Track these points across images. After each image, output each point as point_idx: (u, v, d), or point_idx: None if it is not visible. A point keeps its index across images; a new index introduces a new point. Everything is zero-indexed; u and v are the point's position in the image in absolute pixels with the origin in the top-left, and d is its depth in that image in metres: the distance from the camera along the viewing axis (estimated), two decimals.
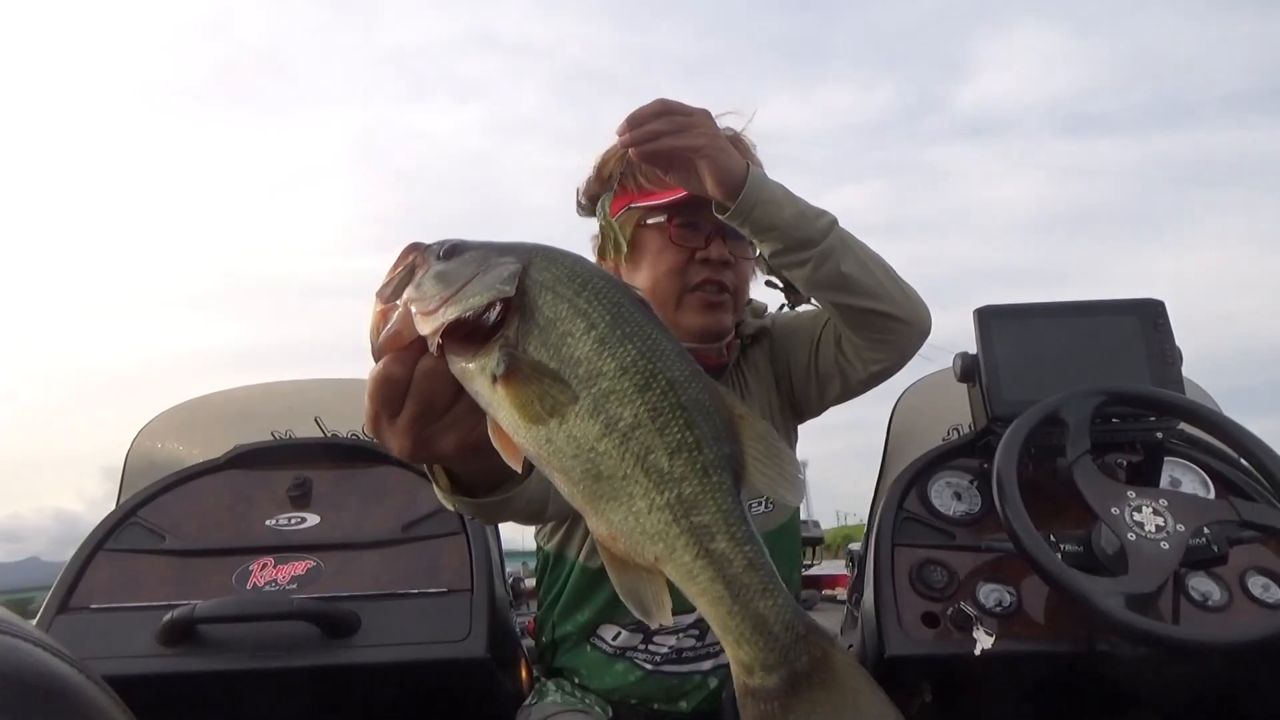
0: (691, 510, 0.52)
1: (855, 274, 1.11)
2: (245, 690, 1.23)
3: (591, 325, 0.53)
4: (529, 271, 0.55)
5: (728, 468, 0.53)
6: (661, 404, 0.53)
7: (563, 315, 0.54)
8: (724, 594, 0.53)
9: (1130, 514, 1.14)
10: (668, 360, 0.54)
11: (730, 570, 0.53)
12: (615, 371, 0.52)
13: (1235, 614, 1.20)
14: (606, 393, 0.52)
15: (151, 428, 1.62)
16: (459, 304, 0.54)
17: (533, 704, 1.29)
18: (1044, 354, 1.40)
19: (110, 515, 1.40)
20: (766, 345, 1.35)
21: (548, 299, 0.54)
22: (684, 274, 1.22)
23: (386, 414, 0.59)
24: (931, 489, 1.39)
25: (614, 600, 1.22)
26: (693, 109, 1.03)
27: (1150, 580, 1.09)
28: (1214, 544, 1.14)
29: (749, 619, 0.53)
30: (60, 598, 1.27)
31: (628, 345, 0.53)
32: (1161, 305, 1.41)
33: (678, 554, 0.53)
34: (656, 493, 0.52)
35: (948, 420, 1.56)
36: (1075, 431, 1.22)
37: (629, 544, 0.54)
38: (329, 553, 1.32)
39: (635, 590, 0.55)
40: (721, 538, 0.53)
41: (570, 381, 0.52)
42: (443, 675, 1.23)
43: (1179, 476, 1.39)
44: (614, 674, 1.24)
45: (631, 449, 0.52)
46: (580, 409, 0.52)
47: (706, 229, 1.22)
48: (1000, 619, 1.21)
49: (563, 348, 0.53)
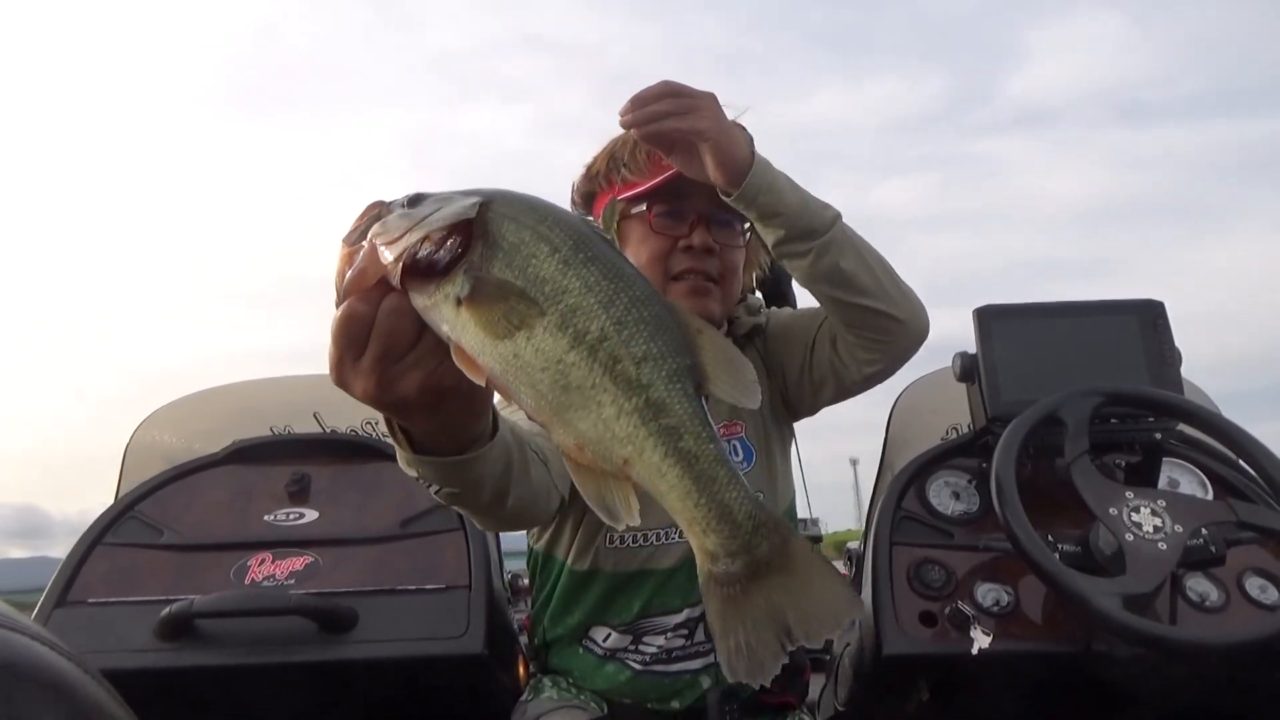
0: (659, 413, 0.55)
1: (855, 270, 1.10)
2: (243, 685, 1.23)
3: (555, 249, 0.55)
4: (490, 204, 0.56)
5: (689, 375, 0.57)
6: (626, 317, 0.55)
7: (526, 240, 0.55)
8: (692, 488, 0.56)
9: (1128, 514, 1.14)
10: (629, 280, 0.57)
11: (698, 466, 0.56)
12: (580, 288, 0.55)
13: (1232, 615, 1.20)
14: (573, 308, 0.54)
15: (151, 422, 1.61)
16: (423, 228, 0.55)
17: (528, 700, 1.29)
18: (1043, 354, 1.39)
19: (109, 509, 1.40)
20: (761, 343, 1.34)
21: (510, 227, 0.56)
22: (666, 262, 1.20)
23: (351, 355, 0.59)
24: (930, 488, 1.39)
25: (603, 602, 1.23)
26: (698, 91, 1.00)
27: (1148, 581, 1.09)
28: (1212, 545, 1.14)
29: (715, 509, 0.56)
30: (58, 591, 1.27)
31: (591, 266, 0.55)
32: (1161, 306, 1.41)
33: (647, 454, 0.56)
34: (625, 399, 0.55)
35: (946, 420, 1.56)
36: (1074, 432, 1.22)
37: (597, 451, 0.56)
38: (327, 548, 1.32)
39: (602, 496, 0.57)
40: (689, 437, 0.56)
41: (537, 297, 0.54)
42: (440, 671, 1.23)
43: (1177, 477, 1.39)
44: (605, 675, 1.24)
45: (600, 359, 0.55)
46: (548, 323, 0.54)
47: (689, 216, 1.19)
48: (998, 619, 1.21)
49: (528, 269, 0.55)
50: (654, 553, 1.22)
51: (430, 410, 0.63)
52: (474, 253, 0.55)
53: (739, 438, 1.26)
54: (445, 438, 0.68)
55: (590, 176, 1.25)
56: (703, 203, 1.18)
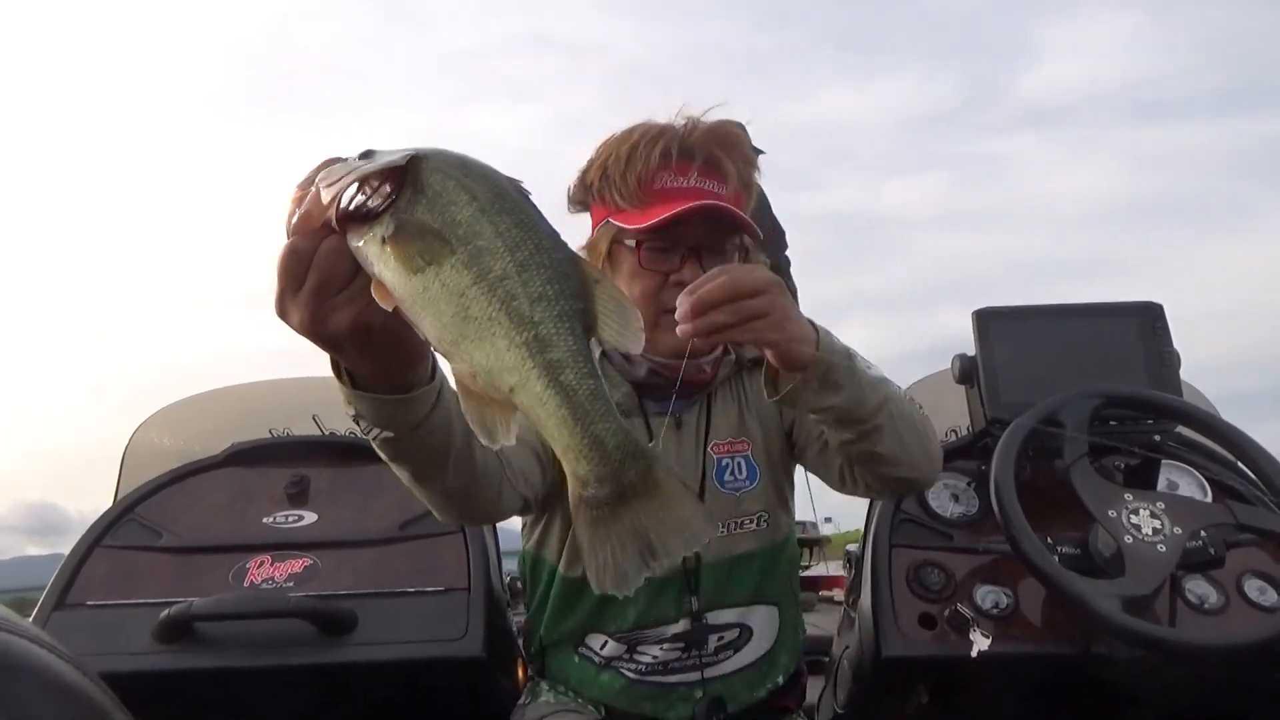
0: (546, 348, 0.60)
1: (890, 450, 1.04)
2: (242, 688, 1.23)
3: (474, 198, 0.60)
4: (423, 158, 0.61)
5: (579, 318, 0.62)
6: (529, 261, 0.60)
7: (449, 189, 0.60)
8: (568, 417, 0.61)
9: (1127, 517, 1.14)
10: (537, 230, 0.61)
11: (576, 398, 0.61)
12: (491, 233, 0.60)
13: (1231, 617, 1.20)
14: (481, 249, 0.60)
15: (150, 424, 1.62)
16: (357, 173, 0.61)
17: (526, 703, 1.29)
18: (1042, 356, 1.40)
19: (107, 512, 1.40)
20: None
21: (437, 177, 0.61)
22: (658, 297, 1.14)
23: (290, 288, 0.64)
24: (929, 491, 1.39)
25: (598, 610, 1.22)
26: (762, 283, 0.89)
27: (1147, 583, 1.09)
28: (1211, 547, 1.14)
29: (589, 439, 0.61)
30: (57, 594, 1.27)
31: (504, 216, 0.60)
32: (1159, 308, 1.41)
33: (530, 384, 0.61)
34: (516, 333, 0.60)
35: (946, 422, 1.56)
36: (1073, 434, 1.22)
37: (487, 379, 0.61)
38: (326, 550, 1.32)
39: (484, 417, 0.63)
40: (570, 372, 0.61)
41: (450, 237, 0.59)
42: (439, 674, 1.23)
43: (1176, 479, 1.39)
44: (601, 683, 1.24)
45: (498, 295, 0.60)
46: (456, 260, 0.59)
47: (680, 250, 1.14)
48: (997, 621, 1.21)
49: (446, 213, 0.60)
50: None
51: (362, 347, 0.67)
52: (402, 198, 0.60)
53: (744, 455, 1.23)
54: (381, 378, 0.72)
55: (584, 185, 1.21)
56: (694, 234, 1.14)
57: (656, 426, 1.22)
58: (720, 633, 1.22)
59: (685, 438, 1.23)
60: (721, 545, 1.20)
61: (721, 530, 1.20)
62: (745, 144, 1.19)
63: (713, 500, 1.20)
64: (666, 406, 1.23)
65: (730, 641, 1.23)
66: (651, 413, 1.24)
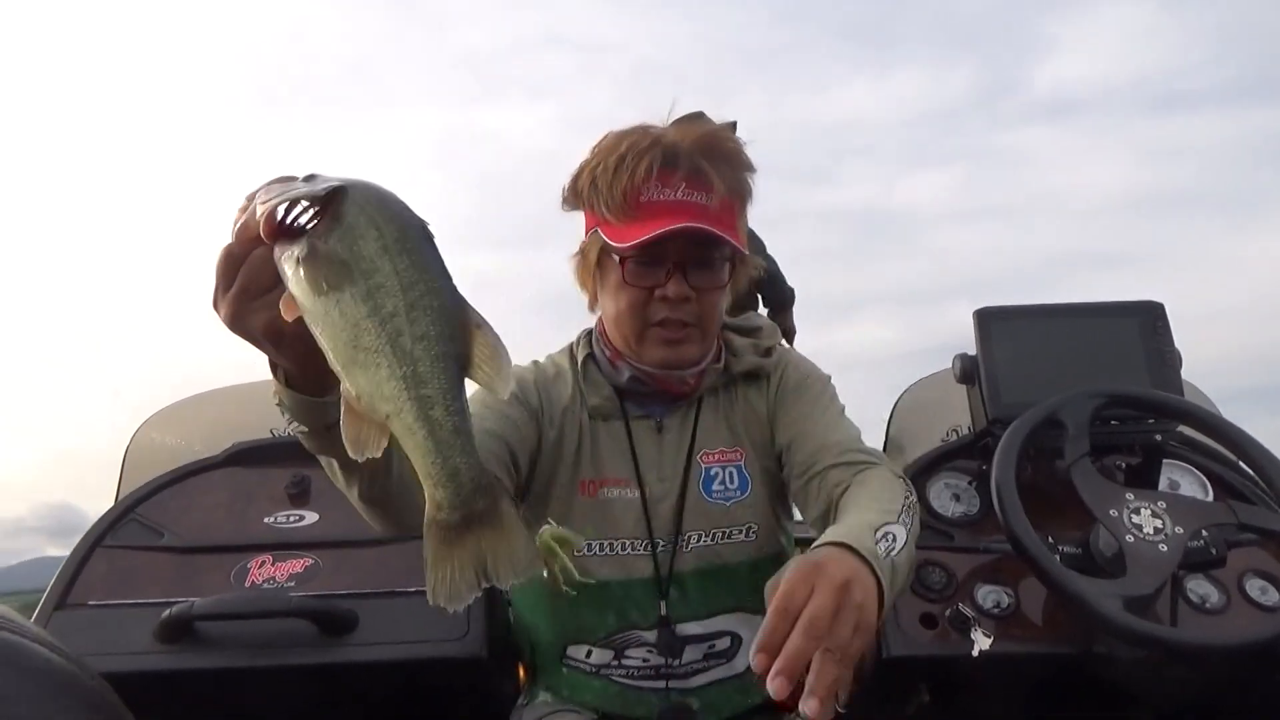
0: (420, 384, 0.67)
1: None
2: (243, 687, 1.23)
3: (381, 235, 0.67)
4: (347, 191, 0.68)
5: (455, 359, 0.68)
6: (418, 302, 0.67)
7: (361, 224, 0.67)
8: (432, 448, 0.67)
9: (1129, 516, 1.14)
10: (431, 274, 0.68)
11: (440, 432, 0.67)
12: (389, 270, 0.66)
13: (1233, 617, 1.20)
14: (379, 285, 0.66)
15: (151, 424, 1.62)
16: (289, 195, 0.67)
17: (524, 704, 1.29)
18: (1043, 356, 1.40)
19: (108, 512, 1.40)
20: (766, 388, 1.25)
21: (354, 210, 0.67)
22: (644, 312, 1.15)
23: (222, 286, 0.71)
24: (930, 490, 1.39)
25: (574, 614, 1.20)
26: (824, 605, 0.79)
27: (1148, 582, 1.09)
28: (1212, 546, 1.14)
29: (447, 469, 0.68)
30: (58, 594, 1.27)
31: (404, 256, 0.67)
32: (1161, 307, 1.41)
33: (403, 414, 0.67)
34: (397, 366, 0.67)
35: (947, 421, 1.56)
36: (1074, 433, 1.22)
37: (367, 403, 0.68)
38: (327, 550, 1.32)
39: (359, 434, 0.69)
40: (439, 408, 0.67)
41: (354, 270, 0.66)
42: (440, 673, 1.23)
43: (1177, 479, 1.39)
44: (594, 690, 1.23)
45: (387, 331, 0.66)
46: (356, 292, 0.66)
47: (665, 265, 1.13)
48: (998, 620, 1.21)
49: (354, 246, 0.66)
50: (621, 562, 1.19)
51: (276, 348, 0.73)
52: (321, 225, 0.67)
53: (736, 465, 1.22)
54: (300, 379, 0.77)
55: (575, 190, 1.19)
56: (679, 249, 1.12)
57: (638, 429, 1.22)
58: (710, 641, 1.21)
59: (668, 443, 1.22)
60: (707, 554, 1.19)
61: (706, 539, 1.19)
62: (734, 151, 1.16)
63: (695, 509, 1.19)
64: (649, 411, 1.23)
65: (722, 651, 1.22)
66: (633, 416, 1.23)
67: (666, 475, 1.20)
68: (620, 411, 1.22)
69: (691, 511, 1.19)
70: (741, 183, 1.17)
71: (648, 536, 1.18)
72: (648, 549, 1.19)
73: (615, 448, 1.21)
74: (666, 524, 1.19)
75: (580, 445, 1.21)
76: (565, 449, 1.20)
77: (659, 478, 1.20)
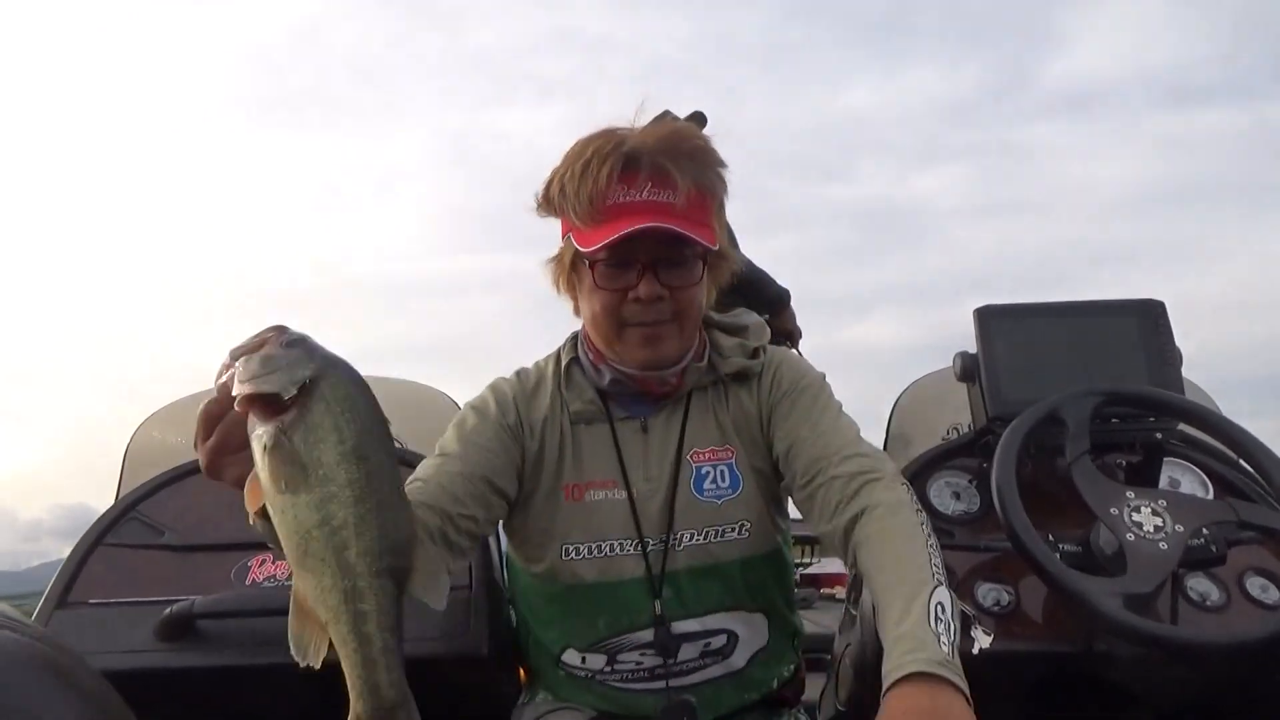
0: (359, 599, 0.72)
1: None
2: (243, 685, 1.23)
3: (341, 441, 0.71)
4: (318, 382, 0.72)
5: (394, 575, 0.74)
6: (366, 516, 0.71)
7: (325, 425, 0.71)
8: (360, 661, 0.74)
9: (1129, 514, 1.14)
10: (383, 484, 0.73)
11: (369, 649, 0.74)
12: (344, 480, 0.71)
13: (1233, 615, 1.21)
14: (332, 495, 0.70)
15: (151, 423, 1.62)
16: (256, 385, 0.72)
17: (525, 703, 1.29)
18: (1044, 354, 1.40)
19: (109, 510, 1.40)
20: (757, 388, 1.24)
21: (320, 409, 0.71)
22: (619, 313, 1.15)
23: (201, 436, 0.79)
24: (930, 488, 1.39)
25: (568, 622, 1.21)
26: None
27: (1149, 580, 1.09)
28: (1212, 544, 1.14)
29: (369, 684, 0.75)
30: (59, 593, 1.27)
31: (359, 466, 0.71)
32: (1161, 305, 1.41)
33: (339, 625, 0.73)
34: (340, 578, 0.72)
35: (947, 419, 1.56)
36: (1074, 432, 1.22)
37: (312, 604, 0.74)
38: None
39: (301, 636, 0.77)
40: (371, 624, 0.73)
41: (311, 475, 0.70)
42: (442, 671, 1.23)
43: (1178, 477, 1.39)
44: (591, 692, 1.24)
45: (334, 543, 0.71)
46: (311, 499, 0.70)
47: (636, 266, 1.13)
48: (998, 618, 1.21)
49: (315, 449, 0.70)
50: (610, 564, 1.19)
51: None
52: (290, 414, 0.71)
53: (727, 463, 1.21)
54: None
55: (547, 197, 1.19)
56: (647, 249, 1.12)
57: (623, 430, 1.21)
58: (706, 639, 1.21)
59: (654, 443, 1.21)
60: (700, 553, 1.19)
61: (699, 538, 1.19)
62: (699, 148, 1.15)
63: (686, 507, 1.19)
64: (634, 412, 1.22)
65: (719, 649, 1.22)
66: (617, 418, 1.22)
67: (653, 475, 1.20)
68: (604, 414, 1.22)
69: (683, 510, 1.18)
70: (709, 179, 1.15)
71: (637, 536, 1.18)
72: (638, 549, 1.18)
73: (600, 450, 1.21)
74: (656, 523, 1.18)
75: (561, 452, 1.20)
76: (547, 457, 1.20)
77: (645, 477, 1.20)
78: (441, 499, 1.07)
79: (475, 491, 1.11)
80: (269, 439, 0.70)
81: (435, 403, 1.64)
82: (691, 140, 1.15)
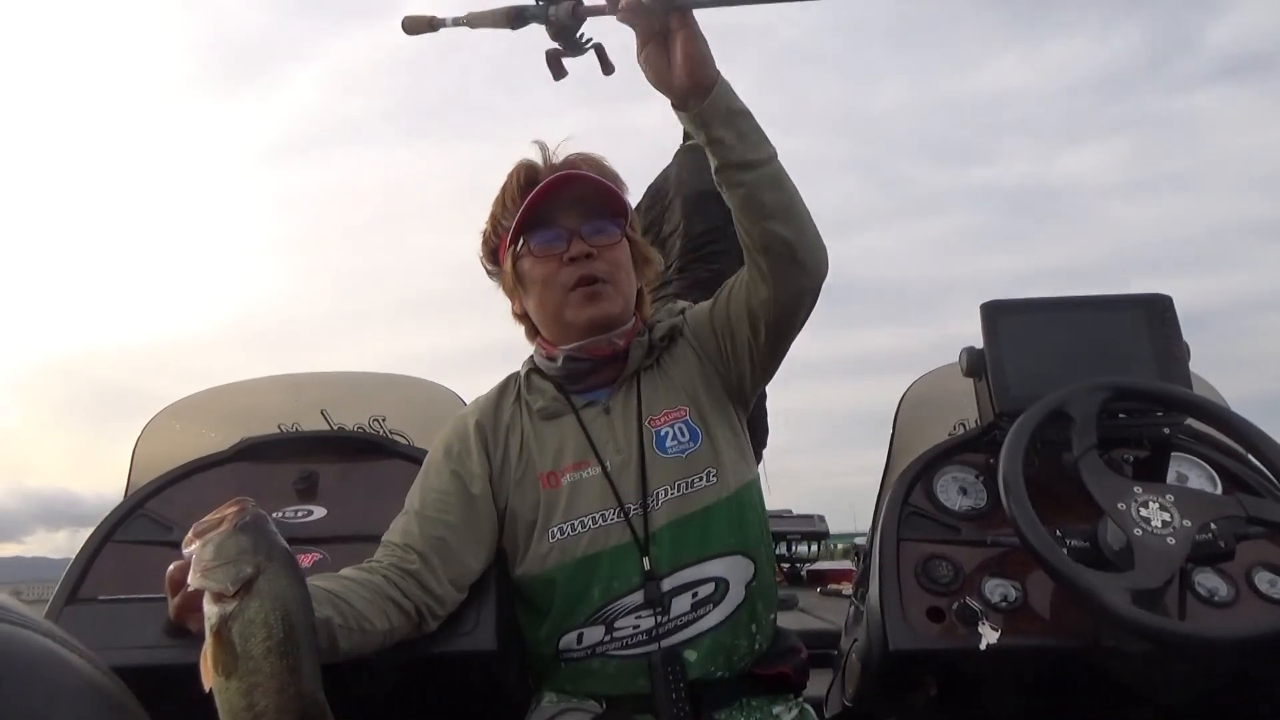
0: None
1: (775, 203, 1.18)
2: None
3: (269, 636, 0.80)
4: (259, 579, 0.81)
5: None
6: (286, 705, 0.78)
7: (258, 621, 0.80)
8: None
9: (1137, 509, 1.14)
10: (303, 679, 0.80)
11: None
12: (269, 672, 0.79)
13: (1242, 610, 1.20)
14: (256, 685, 0.79)
15: (159, 420, 1.62)
16: (203, 580, 0.83)
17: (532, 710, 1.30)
18: (1051, 349, 1.39)
19: (118, 507, 1.40)
20: (687, 341, 1.38)
21: (254, 605, 0.81)
22: (558, 280, 1.29)
23: (170, 592, 0.93)
24: (937, 484, 1.39)
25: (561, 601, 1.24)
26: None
27: (1156, 576, 1.09)
28: (1221, 540, 1.14)
29: None
30: (68, 589, 1.28)
31: (284, 659, 0.79)
32: (1169, 300, 1.40)
33: None
34: None
35: (954, 415, 1.56)
36: (1081, 427, 1.22)
37: None
38: (336, 545, 1.33)
39: None
40: None
41: (242, 665, 0.79)
42: (451, 668, 1.23)
43: (1186, 472, 1.39)
44: (592, 673, 1.24)
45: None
46: (240, 686, 0.78)
47: (564, 234, 1.29)
48: (1005, 614, 1.21)
49: (247, 641, 0.80)
50: (597, 534, 1.24)
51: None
52: (232, 605, 0.80)
53: (683, 420, 1.30)
54: None
55: (486, 245, 1.38)
56: (572, 218, 1.30)
57: (588, 416, 1.31)
58: (695, 589, 1.23)
59: (617, 421, 1.31)
60: (677, 505, 1.25)
61: (674, 492, 1.26)
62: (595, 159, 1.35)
63: (656, 468, 1.27)
64: (593, 397, 1.33)
65: (708, 596, 1.23)
66: (580, 406, 1.32)
67: (622, 447, 1.28)
68: (568, 405, 1.33)
69: (654, 471, 1.26)
70: (611, 174, 1.35)
71: (618, 504, 1.25)
72: (620, 515, 1.25)
73: (569, 437, 1.30)
74: (633, 489, 1.26)
75: (528, 448, 1.31)
76: (515, 457, 1.31)
77: (616, 450, 1.28)
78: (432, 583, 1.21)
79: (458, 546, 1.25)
80: (215, 620, 0.80)
81: (440, 399, 1.65)
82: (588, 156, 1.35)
